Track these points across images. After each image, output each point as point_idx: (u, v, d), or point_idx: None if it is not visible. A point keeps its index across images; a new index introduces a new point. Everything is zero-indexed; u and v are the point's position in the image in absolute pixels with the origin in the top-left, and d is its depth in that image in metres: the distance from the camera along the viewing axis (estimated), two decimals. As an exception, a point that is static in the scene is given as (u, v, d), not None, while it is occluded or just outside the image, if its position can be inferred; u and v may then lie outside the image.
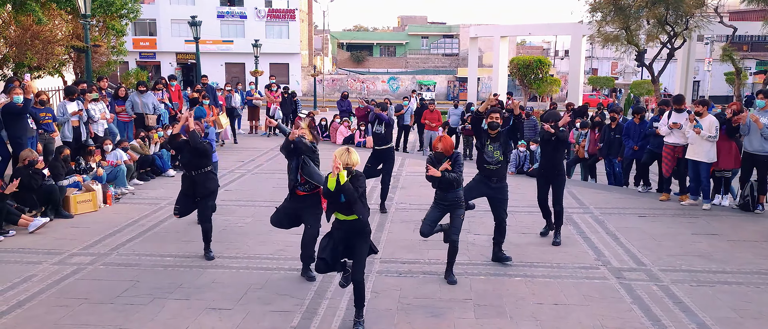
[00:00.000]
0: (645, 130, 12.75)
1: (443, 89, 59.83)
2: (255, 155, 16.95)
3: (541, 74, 39.80)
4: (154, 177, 13.73)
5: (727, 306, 6.83)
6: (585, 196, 12.23)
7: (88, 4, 14.61)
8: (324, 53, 65.33)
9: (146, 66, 52.19)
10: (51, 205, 10.33)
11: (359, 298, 6.19)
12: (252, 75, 33.08)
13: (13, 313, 6.57)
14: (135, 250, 8.74)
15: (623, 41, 21.71)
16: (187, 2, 55.80)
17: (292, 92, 22.42)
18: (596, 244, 9.08)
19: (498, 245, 8.22)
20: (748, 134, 10.83)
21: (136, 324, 6.33)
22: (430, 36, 78.05)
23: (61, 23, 17.15)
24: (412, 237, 9.14)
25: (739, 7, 40.29)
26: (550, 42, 78.80)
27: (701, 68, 46.11)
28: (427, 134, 19.04)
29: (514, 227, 9.76)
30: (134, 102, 14.81)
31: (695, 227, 10.01)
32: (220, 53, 56.82)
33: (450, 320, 6.46)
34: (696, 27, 20.91)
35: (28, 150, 10.39)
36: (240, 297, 7.03)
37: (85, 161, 11.70)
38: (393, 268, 8.00)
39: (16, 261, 8.20)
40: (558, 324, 6.38)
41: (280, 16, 58.16)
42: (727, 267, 8.09)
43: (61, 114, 12.32)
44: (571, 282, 7.56)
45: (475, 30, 38.20)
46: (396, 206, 11.26)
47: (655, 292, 7.21)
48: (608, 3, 21.04)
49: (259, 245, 8.80)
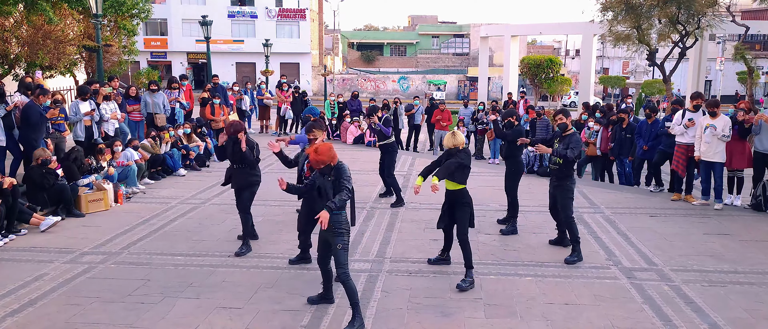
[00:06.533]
0: (657, 130, 12.69)
1: (454, 88, 59.84)
2: (265, 154, 16.95)
3: (552, 74, 39.68)
4: (164, 176, 13.78)
5: (739, 306, 6.79)
6: (596, 196, 12.18)
7: (100, 4, 14.69)
8: (334, 53, 65.44)
9: (157, 66, 52.51)
10: (62, 204, 10.38)
11: (466, 254, 7.33)
12: (263, 75, 33.19)
13: (25, 311, 6.61)
14: (146, 249, 8.77)
15: (634, 40, 21.56)
16: (198, 2, 56.06)
17: (302, 91, 22.45)
18: (607, 244, 9.04)
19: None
20: (759, 134, 10.77)
21: (147, 322, 6.35)
22: (440, 35, 78.02)
23: (73, 23, 17.26)
24: (422, 237, 9.13)
25: (752, 6, 40.07)
26: (561, 41, 78.62)
27: (713, 68, 45.91)
28: (438, 133, 19.04)
29: (525, 227, 9.74)
30: (146, 102, 14.88)
31: (707, 227, 9.95)
32: (230, 53, 57.02)
33: (460, 319, 6.44)
34: (708, 26, 20.74)
35: (41, 149, 10.46)
36: (250, 296, 7.04)
37: (96, 161, 11.75)
38: (403, 268, 7.99)
39: (27, 260, 8.25)
40: (569, 324, 6.35)
41: (291, 16, 58.31)
42: (739, 267, 8.04)
43: (73, 114, 12.38)
44: (581, 281, 7.53)
45: (486, 29, 38.08)
46: (406, 206, 11.25)
47: (666, 292, 7.17)
48: (620, 2, 20.88)
49: (269, 244, 8.81)
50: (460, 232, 7.41)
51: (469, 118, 19.43)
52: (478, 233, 9.31)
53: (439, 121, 18.94)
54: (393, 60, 75.95)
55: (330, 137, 20.58)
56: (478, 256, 8.36)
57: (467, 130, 19.26)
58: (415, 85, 60.22)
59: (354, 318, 6.11)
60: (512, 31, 34.91)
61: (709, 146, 10.84)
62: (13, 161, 11.27)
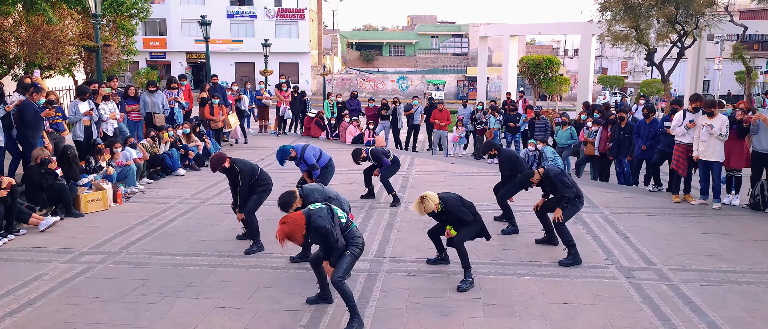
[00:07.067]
0: (655, 129, 12.70)
1: (453, 88, 59.84)
2: (265, 154, 16.98)
3: (551, 73, 39.67)
4: (163, 176, 13.79)
5: (737, 305, 6.80)
6: (594, 195, 12.19)
7: (99, 4, 14.68)
8: (333, 53, 65.41)
9: (156, 66, 52.46)
10: (62, 204, 10.38)
11: (462, 257, 7.31)
12: (262, 74, 33.17)
13: (24, 311, 6.62)
14: (145, 249, 8.78)
15: (633, 40, 21.59)
16: (197, 2, 56.04)
17: (301, 91, 22.45)
18: (606, 243, 9.05)
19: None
20: (758, 133, 10.78)
21: (146, 322, 6.35)
22: (439, 35, 78.03)
23: (72, 23, 17.25)
24: (421, 237, 9.13)
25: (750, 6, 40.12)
26: (560, 41, 78.69)
27: (712, 67, 45.89)
28: (437, 133, 19.05)
29: (524, 226, 9.74)
30: (145, 101, 14.89)
31: (705, 227, 9.96)
32: (229, 53, 57.00)
33: (459, 319, 6.45)
34: (706, 26, 20.76)
35: (40, 149, 10.45)
36: (250, 295, 7.05)
37: (95, 161, 11.75)
38: (402, 267, 8.00)
39: (27, 260, 8.25)
40: (567, 324, 6.36)
41: (290, 16, 58.29)
42: (738, 267, 8.05)
43: (72, 114, 12.38)
44: (580, 281, 7.54)
45: (485, 29, 38.11)
46: (404, 205, 11.26)
47: (665, 292, 7.18)
48: (618, 2, 20.90)
49: (268, 244, 8.81)
50: (456, 239, 7.38)
51: (468, 118, 19.44)
52: (477, 232, 9.33)
53: (438, 122, 18.96)
54: (392, 60, 75.94)
55: (329, 136, 20.59)
56: (477, 256, 8.37)
57: (466, 130, 19.28)
58: (414, 85, 60.23)
59: (352, 319, 6.11)
60: (511, 31, 34.93)
61: (706, 145, 10.85)
62: (12, 160, 11.26)
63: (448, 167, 15.50)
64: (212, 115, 17.04)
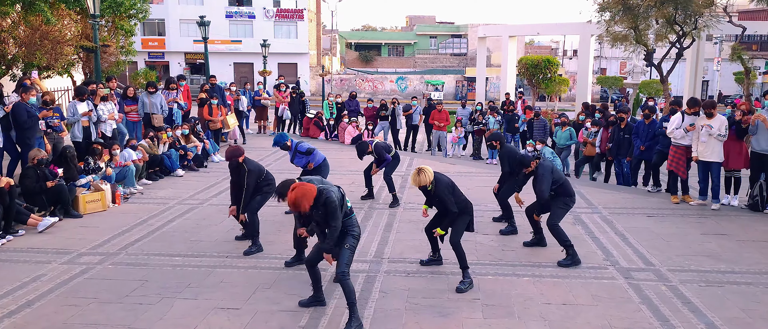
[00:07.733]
0: (655, 130, 12.70)
1: (451, 88, 59.78)
2: (263, 154, 16.97)
3: (550, 74, 39.63)
4: (162, 177, 13.78)
5: (736, 306, 6.80)
6: (593, 196, 12.19)
7: (98, 5, 14.67)
8: (332, 53, 65.33)
9: (155, 66, 52.34)
10: (60, 205, 10.37)
11: (460, 257, 7.32)
12: (260, 75, 33.13)
13: (23, 313, 6.61)
14: (144, 250, 8.77)
15: (632, 41, 21.59)
16: (195, 2, 55.95)
17: (300, 91, 22.45)
18: (605, 244, 9.06)
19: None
20: (756, 134, 10.78)
21: (145, 323, 6.35)
22: (438, 36, 77.98)
23: (70, 23, 17.20)
24: (420, 237, 9.12)
25: (749, 7, 40.10)
26: (559, 42, 78.61)
27: (710, 68, 45.93)
28: (436, 133, 19.05)
29: (523, 226, 9.74)
30: (143, 102, 14.88)
31: (704, 228, 9.97)
32: (228, 53, 56.94)
33: (458, 320, 6.45)
34: (705, 27, 20.77)
35: (37, 150, 10.42)
36: (248, 296, 7.05)
37: (94, 161, 11.74)
38: (401, 268, 8.00)
39: (25, 261, 8.25)
40: (566, 324, 6.36)
41: (289, 16, 58.24)
42: (736, 267, 8.06)
43: (71, 114, 12.36)
44: (579, 282, 7.54)
45: (484, 30, 38.09)
46: (404, 206, 11.26)
47: (663, 292, 7.19)
48: (617, 3, 20.91)
49: (267, 244, 8.80)
50: (451, 238, 7.40)
51: (467, 118, 19.42)
52: (476, 233, 9.28)
53: (437, 122, 18.96)
54: (391, 60, 75.89)
55: (328, 137, 20.58)
56: (476, 256, 8.37)
57: (465, 130, 19.27)
58: (412, 85, 60.19)
59: (351, 319, 6.11)
60: (510, 32, 34.95)
61: (705, 145, 10.86)
62: (11, 161, 11.25)
63: (447, 167, 15.48)
64: (211, 115, 17.03)
